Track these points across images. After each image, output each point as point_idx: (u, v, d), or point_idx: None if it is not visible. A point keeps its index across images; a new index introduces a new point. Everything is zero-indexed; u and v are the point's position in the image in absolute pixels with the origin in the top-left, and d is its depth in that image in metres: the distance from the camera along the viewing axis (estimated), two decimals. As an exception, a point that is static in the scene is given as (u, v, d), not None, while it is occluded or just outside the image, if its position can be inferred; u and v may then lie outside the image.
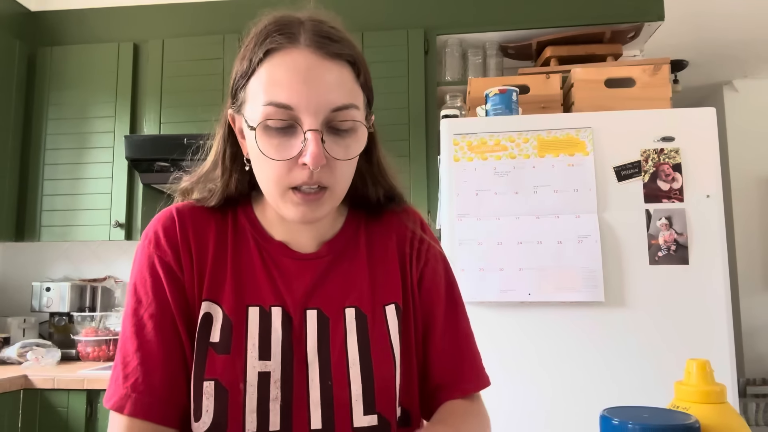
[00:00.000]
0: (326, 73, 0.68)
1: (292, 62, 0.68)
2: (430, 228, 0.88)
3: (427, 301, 0.82)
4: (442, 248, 0.88)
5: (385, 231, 0.84)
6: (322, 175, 0.69)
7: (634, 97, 1.94)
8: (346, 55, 0.71)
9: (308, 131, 0.67)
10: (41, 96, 2.69)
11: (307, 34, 0.69)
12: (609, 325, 1.73)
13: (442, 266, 0.85)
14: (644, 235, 1.76)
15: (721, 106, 3.83)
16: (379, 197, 0.83)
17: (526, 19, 2.53)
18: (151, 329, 0.72)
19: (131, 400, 0.69)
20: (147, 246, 0.75)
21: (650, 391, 1.66)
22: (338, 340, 0.74)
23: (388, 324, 0.77)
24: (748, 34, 3.15)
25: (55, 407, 2.17)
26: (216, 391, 0.70)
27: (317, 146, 0.66)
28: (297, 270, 0.77)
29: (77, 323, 2.62)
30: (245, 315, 0.74)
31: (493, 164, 1.82)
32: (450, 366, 0.81)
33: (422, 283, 0.82)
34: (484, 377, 0.84)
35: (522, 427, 1.71)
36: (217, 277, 0.75)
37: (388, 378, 0.74)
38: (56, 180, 2.63)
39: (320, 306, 0.76)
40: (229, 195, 0.79)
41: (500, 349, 1.75)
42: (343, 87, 0.69)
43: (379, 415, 0.73)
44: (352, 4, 2.58)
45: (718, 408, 0.54)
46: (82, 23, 2.77)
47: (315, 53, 0.69)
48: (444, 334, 0.82)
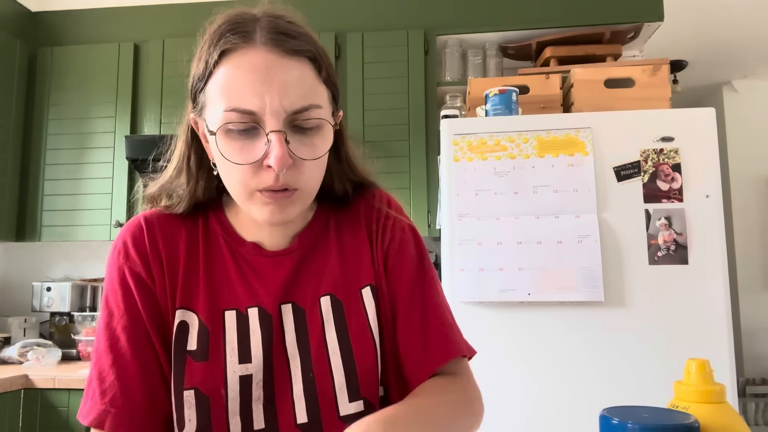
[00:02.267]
0: (286, 71, 0.65)
1: (249, 63, 0.65)
2: (398, 204, 0.85)
3: (393, 278, 0.78)
4: (410, 222, 0.84)
5: (353, 218, 0.81)
6: (289, 176, 0.67)
7: (634, 97, 1.94)
8: (305, 51, 0.67)
9: (271, 133, 0.65)
10: (42, 96, 2.69)
11: (263, 32, 0.66)
12: (609, 325, 1.73)
13: (409, 240, 0.81)
14: (644, 235, 1.76)
15: (721, 106, 3.83)
16: (347, 191, 0.81)
17: (526, 19, 2.53)
18: (125, 342, 0.70)
19: (111, 416, 0.68)
20: (116, 257, 0.74)
21: (650, 390, 1.66)
22: (316, 331, 0.73)
23: (366, 307, 0.76)
24: (747, 35, 3.15)
25: (55, 407, 2.17)
26: (197, 400, 0.69)
27: (281, 148, 0.64)
28: (271, 267, 0.76)
29: (78, 323, 2.62)
30: (221, 320, 0.72)
31: (492, 164, 1.82)
32: (417, 343, 0.75)
33: (388, 260, 0.79)
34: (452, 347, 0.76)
35: (522, 426, 1.72)
36: (190, 284, 0.74)
37: (369, 362, 0.73)
38: (57, 180, 2.63)
39: (295, 299, 0.74)
40: (197, 201, 0.77)
41: (500, 349, 1.75)
42: (305, 85, 0.67)
43: (365, 400, 0.72)
44: (353, 4, 2.59)
45: (718, 408, 0.54)
46: (83, 23, 2.77)
47: (272, 51, 0.65)
48: (410, 310, 0.77)
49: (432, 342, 0.75)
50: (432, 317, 0.77)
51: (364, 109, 2.48)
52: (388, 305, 0.78)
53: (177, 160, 0.77)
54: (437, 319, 0.78)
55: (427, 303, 0.78)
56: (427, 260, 0.82)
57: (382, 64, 2.51)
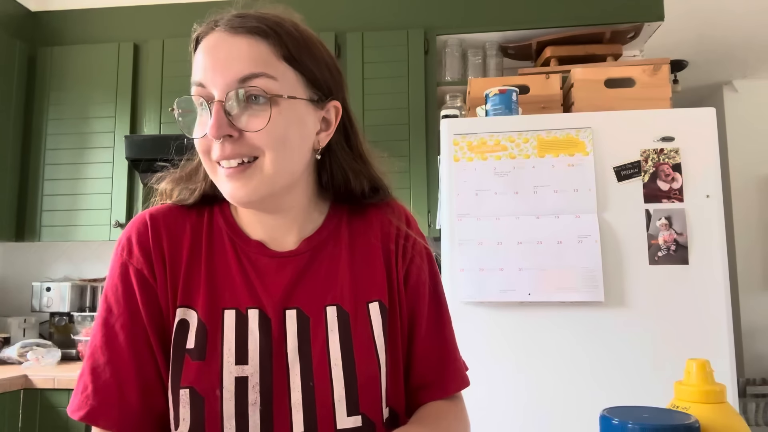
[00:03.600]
0: (232, 46, 0.68)
1: (206, 44, 0.70)
2: (415, 222, 0.85)
3: (412, 299, 0.80)
4: (427, 243, 0.85)
5: (368, 226, 0.81)
6: (237, 147, 0.67)
7: (634, 97, 1.94)
8: (255, 28, 0.68)
9: (212, 103, 0.67)
10: (41, 96, 2.69)
11: (224, 19, 0.70)
12: (609, 325, 1.73)
13: (427, 263, 0.83)
14: (644, 235, 1.76)
15: (721, 106, 3.83)
16: (364, 190, 0.80)
17: (526, 19, 2.53)
18: (123, 340, 0.70)
19: (104, 414, 0.68)
20: (120, 253, 0.74)
21: (650, 391, 1.66)
22: (319, 340, 0.72)
23: (372, 322, 0.75)
24: (748, 34, 3.14)
25: (55, 407, 2.17)
26: (191, 399, 0.69)
27: (215, 116, 0.66)
28: (274, 269, 0.74)
29: (77, 323, 2.62)
30: (221, 319, 0.72)
31: (493, 164, 1.82)
32: (433, 366, 0.79)
33: (408, 281, 0.80)
34: (465, 378, 0.83)
35: (522, 427, 1.71)
36: (191, 282, 0.73)
37: (372, 377, 0.72)
38: (56, 180, 2.63)
39: (300, 305, 0.73)
40: (205, 193, 0.78)
41: (500, 349, 1.75)
42: (250, 58, 0.67)
43: (363, 415, 0.71)
44: (353, 4, 2.59)
45: (718, 408, 0.54)
46: (83, 23, 2.77)
47: (226, 32, 0.69)
48: (429, 333, 0.80)
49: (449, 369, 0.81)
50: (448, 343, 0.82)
51: (364, 109, 2.48)
52: (404, 323, 0.79)
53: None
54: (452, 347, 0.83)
55: (444, 328, 0.83)
56: (441, 285, 0.85)
57: (382, 64, 2.51)
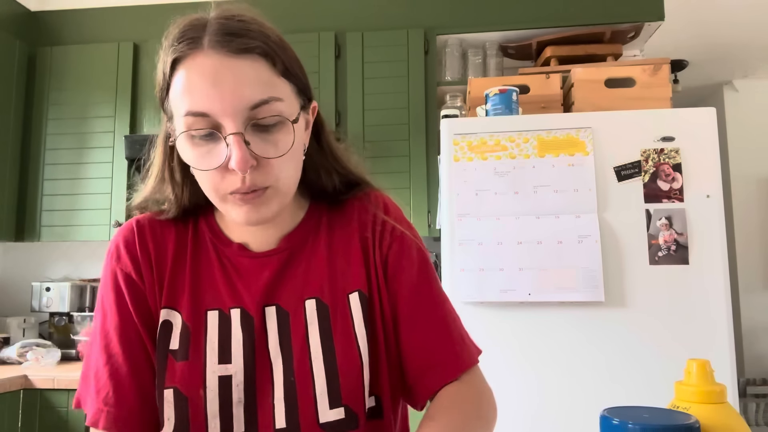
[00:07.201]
0: (235, 71, 0.65)
1: (198, 67, 0.65)
2: (396, 208, 0.83)
3: (393, 286, 0.77)
4: (411, 227, 0.82)
5: (346, 219, 0.80)
6: (257, 176, 0.66)
7: (634, 97, 1.93)
8: (254, 47, 0.66)
9: (229, 135, 0.64)
10: (41, 96, 2.69)
11: (210, 36, 0.66)
12: (609, 325, 1.73)
13: (409, 247, 0.79)
14: (644, 235, 1.76)
15: (721, 106, 3.83)
16: (336, 185, 0.80)
17: (526, 19, 2.53)
18: (117, 343, 0.73)
19: (104, 414, 0.70)
20: (110, 260, 0.77)
21: (650, 391, 1.66)
22: (299, 335, 0.73)
23: (352, 313, 0.74)
24: (748, 34, 3.14)
25: (55, 407, 2.17)
26: (175, 399, 0.70)
27: (240, 150, 0.64)
28: (255, 268, 0.76)
29: (77, 323, 2.62)
30: (204, 320, 0.73)
31: (493, 164, 1.82)
32: (428, 349, 0.75)
33: (387, 268, 0.78)
34: (464, 357, 0.77)
35: (522, 427, 1.71)
36: (176, 284, 0.75)
37: (353, 369, 0.72)
38: (56, 180, 2.63)
39: (279, 301, 0.74)
40: (184, 207, 0.78)
41: (500, 349, 1.75)
42: (258, 81, 0.65)
43: (346, 407, 0.71)
44: (353, 4, 2.58)
45: (718, 408, 0.54)
46: (82, 23, 2.77)
47: (219, 53, 0.65)
48: (415, 317, 0.76)
49: (441, 354, 0.75)
50: (438, 326, 0.77)
51: (364, 109, 2.48)
52: (389, 314, 0.77)
53: (157, 170, 0.77)
54: (444, 329, 0.77)
55: (433, 311, 0.78)
56: (430, 268, 0.81)
57: (382, 64, 2.51)
